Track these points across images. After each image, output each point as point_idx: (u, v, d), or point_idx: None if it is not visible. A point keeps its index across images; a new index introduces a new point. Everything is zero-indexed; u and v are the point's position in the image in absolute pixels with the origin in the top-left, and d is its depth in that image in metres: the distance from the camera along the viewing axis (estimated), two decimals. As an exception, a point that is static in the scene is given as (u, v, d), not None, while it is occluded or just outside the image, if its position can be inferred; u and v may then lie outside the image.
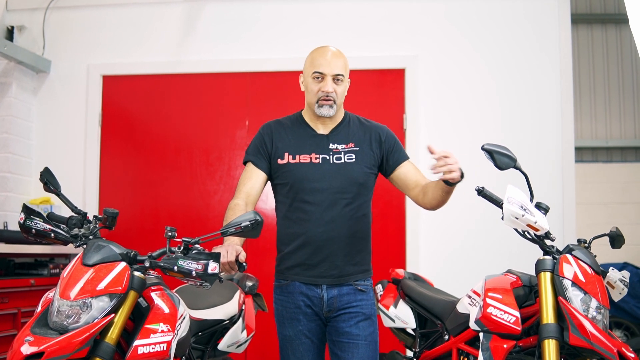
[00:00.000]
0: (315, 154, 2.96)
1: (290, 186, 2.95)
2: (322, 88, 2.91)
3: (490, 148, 2.71)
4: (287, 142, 3.02)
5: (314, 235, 2.90)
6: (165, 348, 2.41)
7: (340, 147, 2.98)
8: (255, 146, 3.07)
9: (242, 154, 5.14)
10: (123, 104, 5.33)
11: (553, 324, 2.56)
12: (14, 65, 5.03)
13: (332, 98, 2.91)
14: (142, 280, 2.45)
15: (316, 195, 2.91)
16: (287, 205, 2.98)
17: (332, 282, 2.92)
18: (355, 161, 2.96)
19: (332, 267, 2.91)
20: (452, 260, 4.94)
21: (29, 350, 2.14)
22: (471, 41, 5.15)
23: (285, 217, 3.00)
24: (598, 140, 7.82)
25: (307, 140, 3.01)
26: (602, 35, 7.81)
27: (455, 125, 5.05)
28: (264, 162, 3.03)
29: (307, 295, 2.94)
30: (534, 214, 2.61)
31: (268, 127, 3.11)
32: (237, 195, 2.99)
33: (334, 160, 2.95)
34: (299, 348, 2.92)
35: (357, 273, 2.98)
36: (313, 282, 2.92)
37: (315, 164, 2.95)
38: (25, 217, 2.58)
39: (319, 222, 2.90)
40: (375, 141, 3.04)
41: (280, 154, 3.00)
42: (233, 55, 5.26)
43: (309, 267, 2.92)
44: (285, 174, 2.97)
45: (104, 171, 5.26)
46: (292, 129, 3.06)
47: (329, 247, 2.90)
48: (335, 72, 2.90)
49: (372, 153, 3.02)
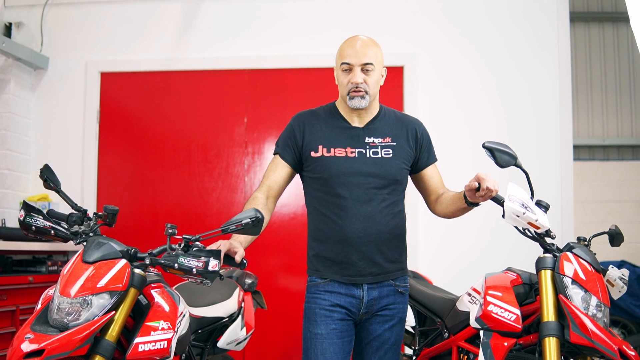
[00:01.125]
0: (350, 148, 2.85)
1: (325, 180, 2.83)
2: (350, 79, 2.80)
3: (491, 146, 2.70)
4: (321, 135, 2.90)
5: (351, 232, 2.78)
6: (165, 346, 2.41)
7: (377, 142, 2.87)
8: (285, 138, 2.96)
9: (240, 151, 5.20)
10: (121, 101, 5.32)
11: (554, 322, 2.57)
12: (12, 62, 5.02)
13: (362, 89, 2.80)
14: (143, 278, 2.45)
15: (352, 191, 2.80)
16: (320, 200, 2.87)
17: (372, 281, 2.82)
18: (393, 156, 2.86)
19: (371, 265, 2.81)
20: (451, 258, 4.94)
21: (30, 347, 2.14)
22: (470, 39, 5.14)
23: (318, 212, 2.89)
24: (595, 138, 7.81)
25: (342, 133, 2.89)
26: (599, 34, 7.80)
27: (453, 123, 5.05)
28: (291, 156, 2.92)
29: (345, 295, 2.81)
30: (535, 211, 2.61)
31: (300, 118, 2.99)
32: (260, 187, 2.90)
33: (370, 155, 2.84)
34: (329, 348, 2.77)
35: (396, 271, 2.88)
36: (352, 282, 2.81)
37: (351, 157, 2.83)
38: (25, 214, 2.58)
39: (355, 218, 2.79)
40: (412, 137, 2.94)
41: (314, 146, 2.88)
42: (232, 52, 5.25)
43: (347, 266, 2.80)
44: (320, 168, 2.85)
45: (102, 168, 5.25)
46: (326, 120, 2.94)
47: (367, 244, 2.79)
48: (364, 61, 2.79)
49: (409, 149, 2.92)
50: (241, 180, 5.17)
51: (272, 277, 5.04)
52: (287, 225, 5.08)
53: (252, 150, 5.18)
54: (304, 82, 5.17)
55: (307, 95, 5.06)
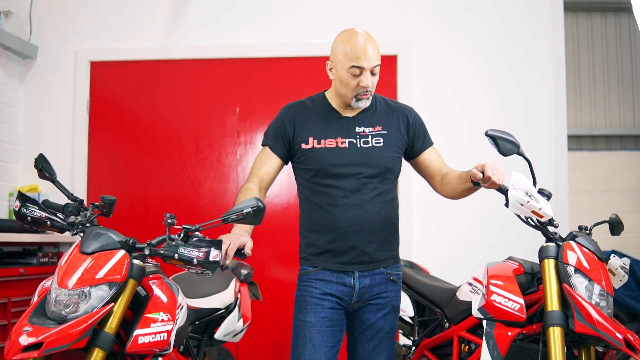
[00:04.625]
0: (341, 138, 2.84)
1: (316, 171, 2.83)
2: (360, 83, 2.74)
3: (493, 134, 2.68)
4: (311, 126, 2.88)
5: (341, 221, 2.78)
6: (165, 337, 2.38)
7: (368, 131, 2.85)
8: (274, 130, 2.94)
9: (232, 140, 5.15)
10: (111, 91, 5.25)
11: (558, 311, 2.55)
12: (1, 50, 4.93)
13: (370, 91, 2.79)
14: (142, 269, 2.41)
15: (343, 181, 2.79)
16: (311, 190, 2.87)
17: (363, 269, 2.82)
18: (384, 145, 2.84)
19: (361, 254, 2.81)
20: (446, 248, 4.92)
21: (28, 340, 2.10)
22: (464, 28, 5.11)
23: (309, 202, 2.88)
24: (583, 128, 7.82)
25: (333, 124, 2.87)
26: (585, 23, 7.81)
27: (447, 112, 5.02)
28: (281, 148, 2.90)
29: (336, 283, 2.82)
30: (538, 200, 2.59)
31: (289, 110, 2.96)
32: (250, 179, 2.88)
33: (361, 144, 2.83)
34: (318, 336, 2.78)
35: (388, 259, 2.88)
36: (343, 270, 2.81)
37: (341, 148, 2.82)
38: (20, 205, 2.52)
39: (346, 207, 2.78)
40: (403, 124, 2.92)
41: (304, 138, 2.86)
42: (223, 41, 5.19)
43: (338, 254, 2.81)
44: (310, 159, 2.84)
45: (92, 159, 5.18)
46: (316, 111, 2.92)
47: (357, 233, 2.79)
48: (374, 63, 2.75)
49: (400, 137, 2.90)
50: (233, 171, 5.13)
51: (265, 268, 5.00)
52: (279, 215, 5.04)
53: (245, 140, 5.14)
54: (296, 70, 5.12)
55: (300, 84, 5.01)
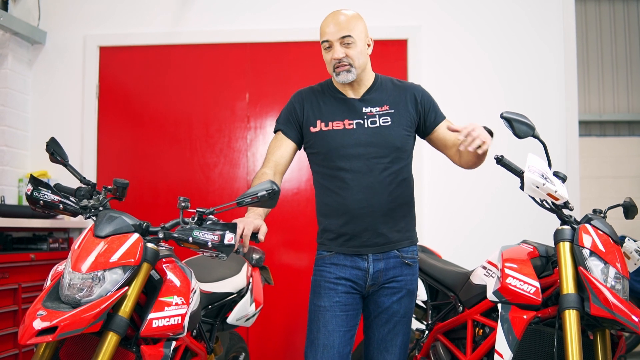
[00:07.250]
0: (348, 120, 2.85)
1: (325, 154, 2.84)
2: (332, 56, 2.80)
3: (509, 116, 2.67)
4: (319, 109, 2.91)
5: (353, 203, 2.78)
6: (180, 321, 2.38)
7: (375, 111, 2.86)
8: (286, 115, 2.97)
9: (242, 125, 5.13)
10: (121, 76, 5.23)
11: (573, 294, 2.53)
12: (10, 36, 4.92)
13: (346, 62, 2.79)
14: (156, 252, 2.40)
15: (352, 162, 2.80)
16: (323, 174, 2.88)
17: (377, 251, 2.82)
18: (392, 124, 2.85)
19: (375, 235, 2.80)
20: (457, 231, 4.90)
21: (42, 325, 2.09)
22: (475, 13, 5.07)
23: (322, 187, 2.89)
24: (591, 114, 7.78)
25: (339, 107, 2.89)
26: (594, 10, 7.75)
27: (457, 96, 4.98)
28: (294, 131, 2.93)
29: (350, 267, 2.82)
30: (554, 182, 2.57)
31: (299, 95, 3.00)
32: (265, 164, 2.89)
33: (368, 125, 2.84)
34: (332, 320, 2.79)
35: (403, 240, 2.87)
36: (357, 253, 2.81)
37: (349, 129, 2.83)
38: (32, 189, 2.52)
39: (357, 190, 2.78)
40: (411, 102, 2.93)
41: (312, 121, 2.89)
42: (233, 25, 5.16)
43: (352, 237, 2.81)
44: (319, 142, 2.86)
45: (102, 144, 5.17)
46: (323, 95, 2.94)
47: (370, 214, 2.79)
48: (340, 35, 2.78)
49: (408, 114, 2.90)
50: (243, 155, 5.11)
51: (275, 253, 4.99)
52: (290, 200, 5.02)
53: (255, 125, 5.12)
54: (306, 55, 5.08)
55: (310, 69, 4.97)
